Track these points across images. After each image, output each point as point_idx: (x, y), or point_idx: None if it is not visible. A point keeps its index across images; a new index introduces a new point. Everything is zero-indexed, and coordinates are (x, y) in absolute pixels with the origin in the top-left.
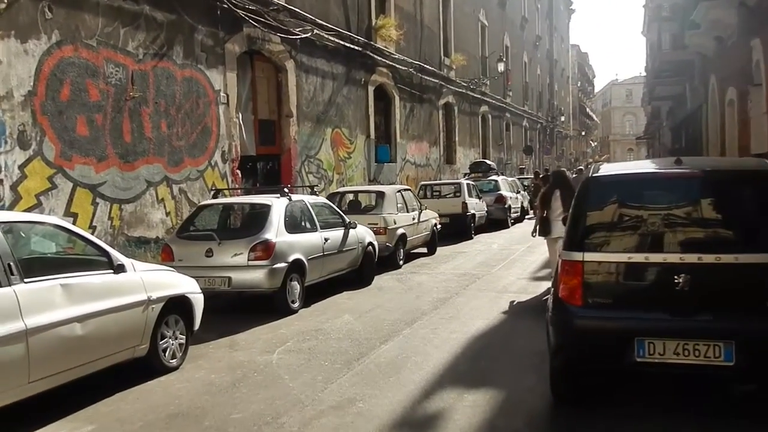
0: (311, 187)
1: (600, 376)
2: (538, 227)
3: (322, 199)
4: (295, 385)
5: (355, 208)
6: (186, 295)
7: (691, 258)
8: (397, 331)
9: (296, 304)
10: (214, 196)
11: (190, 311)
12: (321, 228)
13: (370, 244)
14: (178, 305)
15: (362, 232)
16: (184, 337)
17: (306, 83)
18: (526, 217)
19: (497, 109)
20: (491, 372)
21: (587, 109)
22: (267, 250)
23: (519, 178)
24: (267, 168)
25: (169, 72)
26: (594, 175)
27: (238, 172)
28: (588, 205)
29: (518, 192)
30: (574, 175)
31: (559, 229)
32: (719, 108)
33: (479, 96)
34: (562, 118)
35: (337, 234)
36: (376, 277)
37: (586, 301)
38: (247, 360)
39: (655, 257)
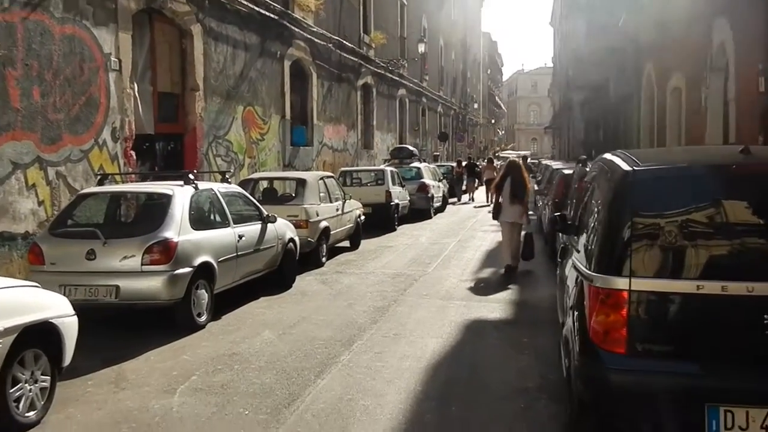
0: (222, 173)
1: None
2: (492, 211)
3: (235, 188)
4: None
5: (271, 197)
6: (51, 320)
7: None
8: (334, 356)
9: (203, 318)
10: (100, 183)
11: (57, 342)
12: (234, 223)
13: (291, 240)
14: (39, 335)
15: (282, 227)
16: (47, 378)
17: (215, 52)
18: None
19: (415, 93)
20: (469, 425)
21: (496, 98)
22: (166, 252)
23: (438, 165)
24: (168, 149)
25: (45, 27)
26: (639, 167)
27: (133, 153)
28: (631, 209)
29: (440, 180)
30: (482, 165)
31: (509, 214)
32: (658, 98)
33: (397, 78)
34: (475, 105)
35: (253, 230)
36: (297, 278)
37: (632, 348)
38: (138, 406)
39: (736, 287)
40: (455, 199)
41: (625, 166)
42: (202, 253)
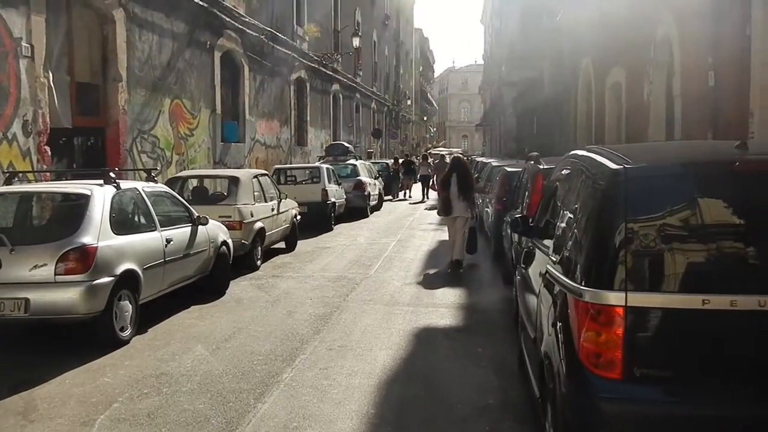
0: (148, 171)
1: None
2: (440, 207)
3: (162, 188)
4: None
5: (201, 197)
6: None
7: None
8: (275, 374)
9: (127, 332)
10: (8, 182)
11: None
12: (161, 226)
13: (224, 243)
14: None
15: (214, 229)
16: None
17: (139, 41)
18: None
19: (348, 89)
20: None
21: (428, 95)
22: (84, 260)
23: (372, 163)
24: (88, 145)
25: None
26: (630, 166)
27: (47, 149)
28: (624, 214)
29: (375, 178)
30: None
31: (456, 209)
32: (596, 92)
33: (331, 73)
34: (408, 102)
35: (182, 233)
36: (231, 284)
37: (629, 373)
38: None
39: (748, 301)
40: (391, 197)
41: (613, 165)
42: (125, 259)
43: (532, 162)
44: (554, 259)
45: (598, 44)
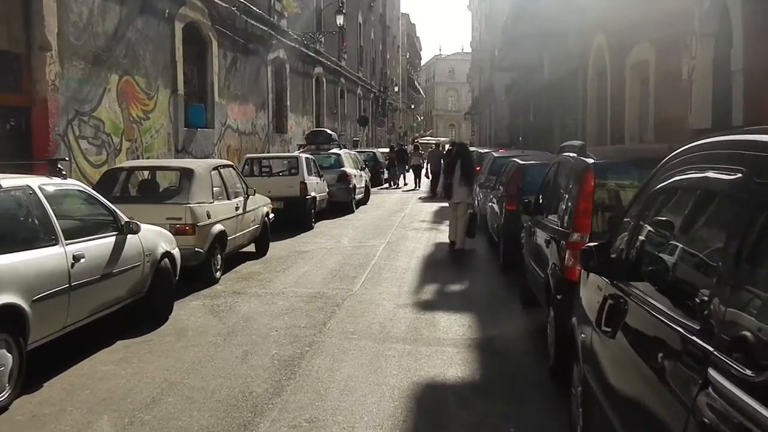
0: (54, 161)
1: None
2: (442, 192)
3: (73, 185)
4: None
5: (149, 192)
6: None
7: None
8: None
9: (4, 394)
10: None
11: None
12: (68, 238)
13: (166, 255)
14: None
15: (152, 237)
16: None
17: (75, 2)
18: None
19: (332, 73)
20: None
21: (415, 82)
22: None
23: (359, 152)
24: (7, 129)
25: None
26: None
27: None
28: None
29: (362, 168)
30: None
31: (459, 194)
32: (611, 75)
33: (314, 55)
34: (396, 89)
35: (101, 246)
36: (178, 305)
37: None
38: None
39: None
40: (388, 185)
41: None
42: (2, 290)
43: (574, 154)
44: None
45: (616, 19)
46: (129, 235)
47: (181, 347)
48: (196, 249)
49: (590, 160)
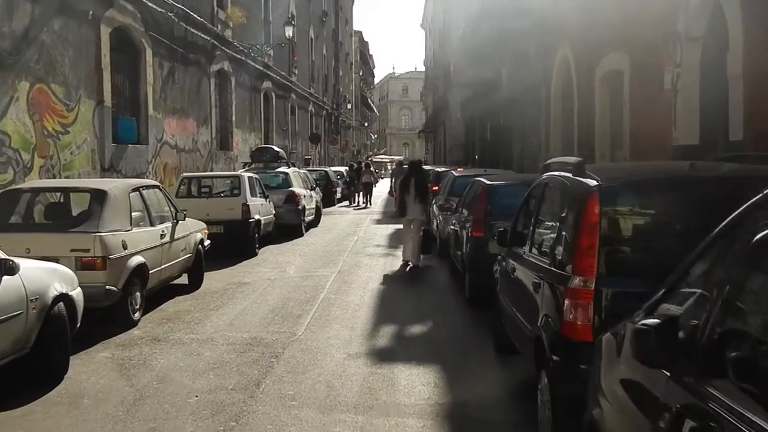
0: None
1: None
2: (397, 210)
3: None
4: None
5: (56, 218)
6: None
7: None
8: None
9: None
10: None
11: None
12: None
13: (61, 298)
14: None
15: (39, 277)
16: None
17: None
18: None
19: (282, 88)
20: None
21: (369, 100)
22: None
23: (309, 170)
24: None
25: None
26: None
27: None
28: None
29: (312, 188)
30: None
31: (413, 211)
32: (578, 88)
33: (262, 68)
34: (349, 106)
35: None
36: (77, 361)
37: None
38: None
39: None
40: (347, 203)
41: None
42: None
43: (567, 174)
44: None
45: (582, 27)
46: (5, 278)
47: (69, 425)
48: (108, 287)
49: (593, 182)
